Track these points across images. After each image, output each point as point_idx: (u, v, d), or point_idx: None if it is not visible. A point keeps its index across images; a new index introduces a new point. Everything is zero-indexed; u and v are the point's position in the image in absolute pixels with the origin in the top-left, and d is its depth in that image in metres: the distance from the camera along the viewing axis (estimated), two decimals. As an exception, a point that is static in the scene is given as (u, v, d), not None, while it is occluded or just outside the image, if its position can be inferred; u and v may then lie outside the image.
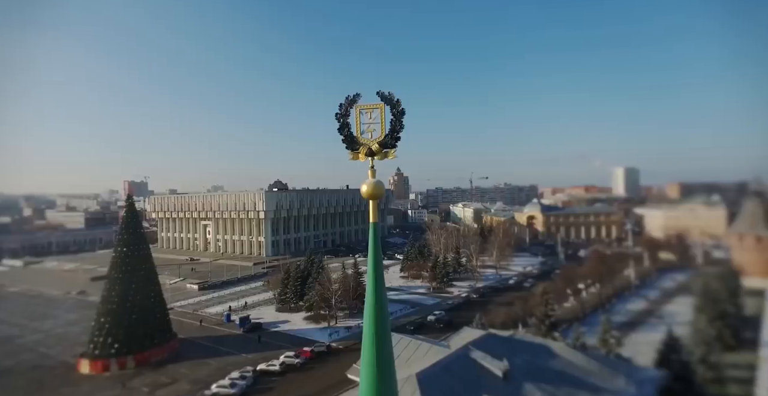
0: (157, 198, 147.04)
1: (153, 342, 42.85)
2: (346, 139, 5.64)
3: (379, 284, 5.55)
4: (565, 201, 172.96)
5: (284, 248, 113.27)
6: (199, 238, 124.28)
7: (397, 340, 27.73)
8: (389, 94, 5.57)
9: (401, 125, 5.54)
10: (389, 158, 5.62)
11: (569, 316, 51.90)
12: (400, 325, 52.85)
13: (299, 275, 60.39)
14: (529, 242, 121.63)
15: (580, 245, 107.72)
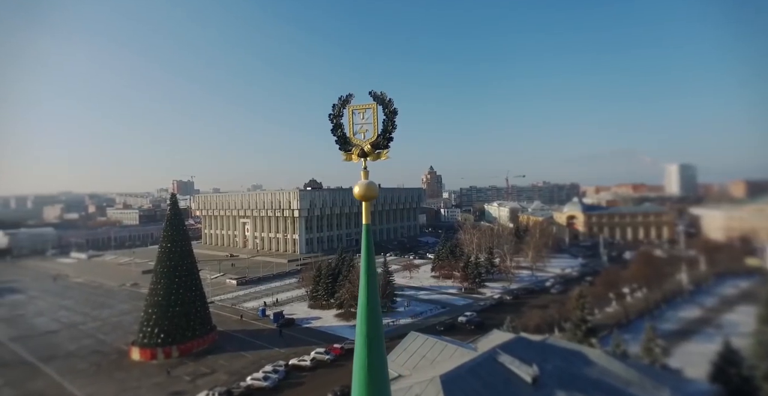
0: (201, 196, 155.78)
1: (195, 333, 45.50)
2: (339, 139, 5.62)
3: (371, 287, 5.49)
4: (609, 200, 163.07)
5: (318, 246, 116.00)
6: (238, 235, 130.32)
7: (423, 340, 27.48)
8: (381, 93, 5.47)
9: (393, 125, 5.43)
10: (382, 159, 5.53)
11: (611, 322, 48.94)
12: (430, 326, 52.42)
13: (330, 273, 61.57)
14: (568, 243, 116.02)
15: (625, 247, 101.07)
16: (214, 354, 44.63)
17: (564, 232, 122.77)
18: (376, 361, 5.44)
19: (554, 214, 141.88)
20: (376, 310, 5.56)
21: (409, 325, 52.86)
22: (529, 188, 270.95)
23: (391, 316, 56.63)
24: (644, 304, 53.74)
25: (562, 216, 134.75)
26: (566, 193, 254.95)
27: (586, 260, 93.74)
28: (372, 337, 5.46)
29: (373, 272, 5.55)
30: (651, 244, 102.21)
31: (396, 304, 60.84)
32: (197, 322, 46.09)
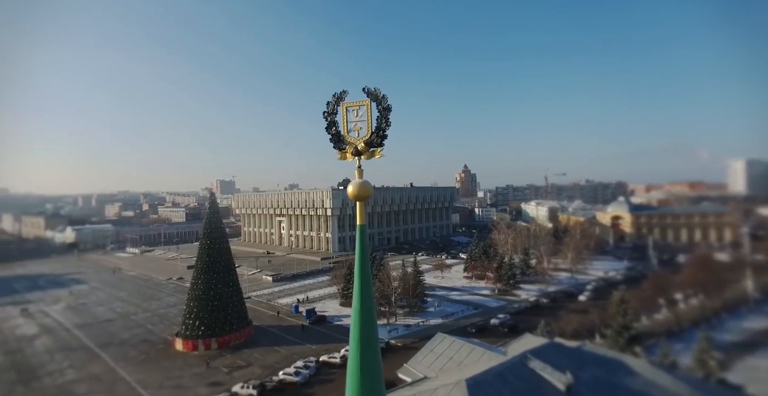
0: (240, 195, 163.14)
1: (232, 327, 47.67)
2: (333, 138, 5.51)
3: (365, 291, 5.34)
4: (661, 199, 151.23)
5: (350, 244, 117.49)
6: (274, 233, 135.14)
7: (450, 342, 26.92)
8: (375, 89, 5.30)
9: (388, 123, 5.24)
10: (376, 157, 5.36)
11: (659, 330, 45.34)
12: (461, 327, 51.41)
13: (361, 271, 62.09)
14: (612, 245, 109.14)
15: (679, 250, 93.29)
16: (249, 348, 46.53)
17: (608, 233, 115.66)
18: (371, 367, 5.28)
19: (597, 214, 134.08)
20: (371, 315, 5.40)
21: (439, 326, 52.11)
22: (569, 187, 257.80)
23: (421, 316, 56.17)
24: (700, 312, 49.25)
25: (606, 216, 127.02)
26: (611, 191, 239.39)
27: (633, 263, 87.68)
28: (366, 342, 5.30)
29: (367, 275, 5.40)
30: (710, 247, 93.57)
31: (426, 304, 60.27)
32: (234, 316, 48.24)
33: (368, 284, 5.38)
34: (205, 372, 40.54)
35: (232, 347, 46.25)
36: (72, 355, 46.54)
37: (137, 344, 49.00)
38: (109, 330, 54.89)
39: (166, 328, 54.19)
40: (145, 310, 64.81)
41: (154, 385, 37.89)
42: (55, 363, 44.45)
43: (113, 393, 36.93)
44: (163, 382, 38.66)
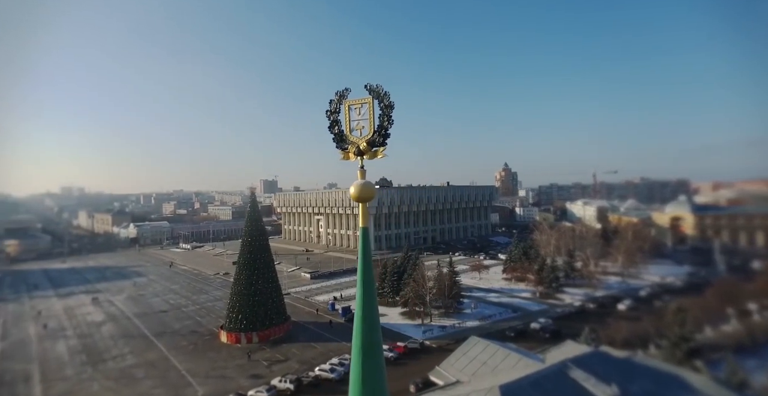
0: (281, 195, 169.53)
1: (271, 322, 49.59)
2: (336, 137, 5.37)
3: (368, 296, 5.16)
4: (732, 198, 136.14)
5: (386, 243, 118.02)
6: (313, 231, 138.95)
7: (484, 346, 26.03)
8: (377, 86, 5.08)
9: (390, 121, 5.01)
10: (379, 157, 5.15)
11: (727, 343, 40.82)
12: (499, 330, 49.67)
13: (395, 271, 62.05)
14: (671, 248, 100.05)
15: (754, 255, 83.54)
16: (288, 343, 48.15)
17: (665, 236, 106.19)
18: (373, 376, 5.09)
19: (653, 214, 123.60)
20: (374, 321, 5.20)
21: (476, 328, 50.79)
22: (621, 185, 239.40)
23: (458, 318, 55.03)
24: (777, 325, 43.69)
25: (663, 217, 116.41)
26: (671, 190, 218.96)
27: (695, 268, 79.82)
28: (368, 350, 5.11)
29: (370, 280, 5.21)
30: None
31: (463, 306, 58.95)
32: (274, 311, 50.14)
33: (371, 290, 5.20)
34: (247, 364, 42.51)
35: (271, 341, 48.10)
36: (131, 341, 50.86)
37: (187, 335, 52.51)
38: (163, 320, 59.35)
39: (212, 320, 57.57)
40: (195, 302, 69.33)
41: (201, 375, 40.35)
42: (117, 348, 48.82)
43: (166, 379, 39.80)
44: (209, 372, 41.05)
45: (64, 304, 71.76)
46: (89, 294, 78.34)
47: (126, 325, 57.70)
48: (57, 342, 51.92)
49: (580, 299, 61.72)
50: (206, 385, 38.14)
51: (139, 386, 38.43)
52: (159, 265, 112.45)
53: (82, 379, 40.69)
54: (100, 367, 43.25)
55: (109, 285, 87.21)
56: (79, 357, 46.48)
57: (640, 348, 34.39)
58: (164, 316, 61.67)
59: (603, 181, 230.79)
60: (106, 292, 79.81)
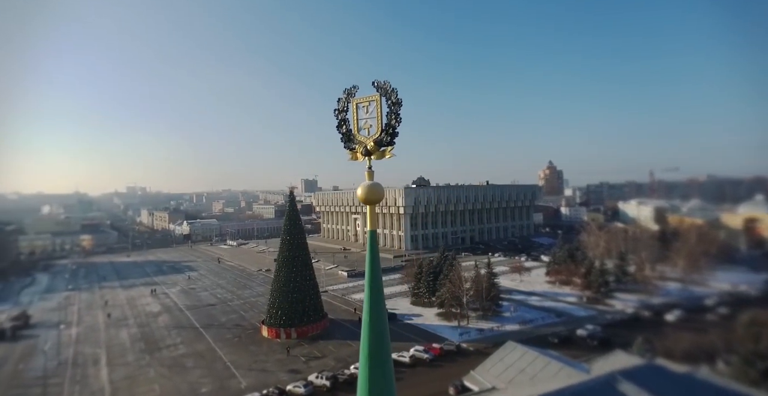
0: (320, 194, 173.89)
1: (310, 319, 50.89)
2: (344, 137, 5.19)
3: (375, 299, 4.93)
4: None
5: (422, 243, 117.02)
6: (350, 229, 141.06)
7: (522, 352, 24.78)
8: (384, 82, 4.83)
9: (398, 119, 4.74)
10: (387, 157, 4.90)
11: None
12: (541, 335, 47.32)
13: (432, 271, 61.24)
14: (746, 253, 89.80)
15: None
16: (325, 339, 49.18)
17: (738, 239, 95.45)
18: (381, 384, 4.85)
19: (722, 215, 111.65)
20: (382, 327, 4.96)
21: (516, 333, 48.81)
22: (684, 183, 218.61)
23: (496, 321, 53.23)
24: None
25: (735, 218, 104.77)
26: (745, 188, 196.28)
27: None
28: (377, 357, 4.88)
29: (378, 286, 4.98)
30: None
31: (502, 308, 56.93)
32: (311, 308, 51.42)
33: (379, 295, 4.97)
34: (286, 359, 43.97)
35: (309, 338, 49.38)
36: (183, 332, 54.57)
37: (232, 328, 55.39)
38: (210, 313, 63.11)
39: (255, 315, 60.25)
40: (239, 297, 73.02)
41: (244, 367, 42.34)
42: (171, 338, 52.61)
43: (212, 370, 42.21)
44: (251, 364, 42.97)
45: (127, 295, 78.67)
46: (148, 286, 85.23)
47: (178, 317, 62.03)
48: (120, 330, 56.99)
49: (633, 306, 57.19)
50: (248, 377, 39.94)
51: (189, 375, 41.07)
52: (208, 260, 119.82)
53: (141, 365, 44.29)
54: (156, 355, 46.82)
55: (165, 278, 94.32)
56: (138, 344, 50.68)
57: (705, 363, 31.10)
58: (212, 309, 65.55)
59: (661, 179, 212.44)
60: (162, 285, 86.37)
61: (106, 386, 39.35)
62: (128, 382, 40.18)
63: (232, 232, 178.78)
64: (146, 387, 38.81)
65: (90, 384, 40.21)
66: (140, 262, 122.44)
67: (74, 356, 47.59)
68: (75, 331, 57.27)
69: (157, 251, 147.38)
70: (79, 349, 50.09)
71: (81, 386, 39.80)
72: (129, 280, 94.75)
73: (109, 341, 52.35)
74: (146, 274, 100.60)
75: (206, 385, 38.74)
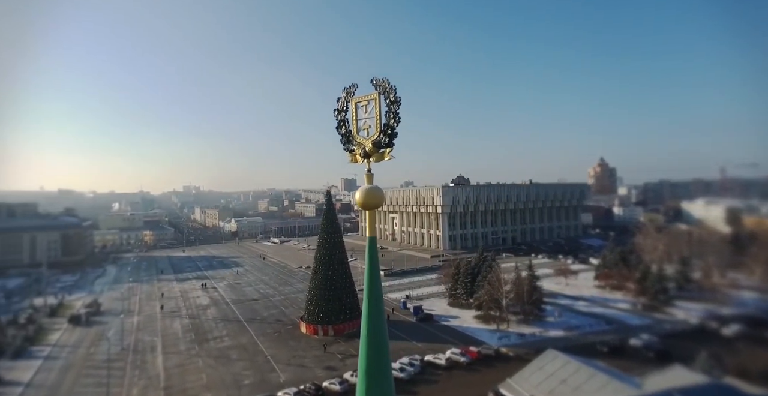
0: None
1: (346, 316, 51.55)
2: (343, 138, 4.93)
3: (375, 309, 4.63)
4: None
5: (461, 243, 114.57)
6: (387, 228, 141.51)
7: (563, 362, 23.18)
8: (383, 80, 4.50)
9: (396, 118, 4.39)
10: (386, 159, 4.57)
11: None
12: (588, 343, 44.31)
13: (469, 272, 59.63)
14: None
15: None
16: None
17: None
18: (381, 388, 4.54)
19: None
20: (382, 340, 4.64)
21: (560, 339, 46.24)
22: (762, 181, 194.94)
23: (539, 326, 50.71)
24: None
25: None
26: None
27: None
28: (376, 372, 4.57)
29: (377, 295, 4.68)
30: None
31: (545, 313, 54.12)
32: (348, 306, 52.05)
33: (378, 306, 4.66)
34: (323, 355, 44.90)
35: (345, 335, 50.03)
36: (228, 325, 57.68)
37: (273, 323, 57.64)
38: (254, 308, 66.15)
39: (294, 311, 62.23)
40: (280, 293, 75.85)
41: (283, 362, 43.82)
42: (217, 330, 55.82)
43: (254, 363, 44.14)
44: (290, 359, 44.36)
45: (181, 288, 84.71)
46: (199, 280, 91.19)
47: (225, 310, 65.70)
48: (174, 320, 61.45)
49: (699, 316, 51.77)
50: (287, 371, 41.27)
51: (233, 367, 43.27)
52: (253, 257, 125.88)
53: (191, 354, 47.39)
54: (204, 346, 49.87)
55: (214, 273, 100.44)
56: (189, 335, 54.31)
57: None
58: (255, 304, 68.69)
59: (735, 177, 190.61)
60: (211, 279, 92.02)
61: (161, 373, 42.54)
62: (180, 370, 43.14)
63: (275, 229, 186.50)
64: (195, 376, 41.41)
65: (147, 369, 43.69)
66: (193, 257, 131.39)
67: (135, 343, 52.02)
68: (136, 319, 62.63)
69: (208, 247, 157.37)
70: (139, 336, 54.67)
71: (140, 371, 43.37)
72: (183, 273, 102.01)
73: (164, 330, 56.63)
74: (198, 269, 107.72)
75: (248, 377, 40.57)
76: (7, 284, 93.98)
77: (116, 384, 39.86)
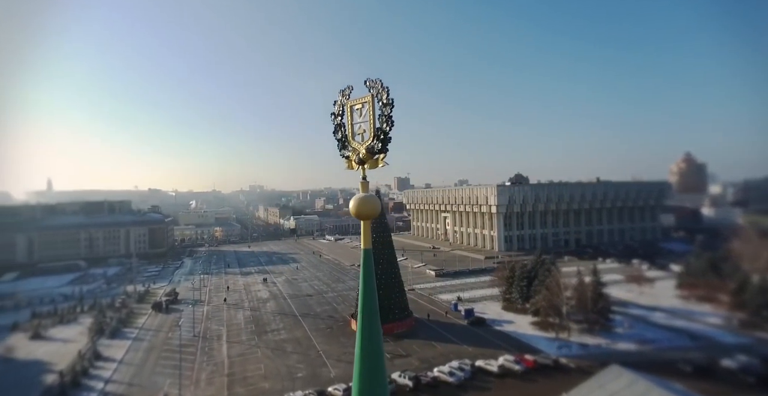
0: (410, 192, 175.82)
1: (395, 316, 51.50)
2: (340, 143, 4.55)
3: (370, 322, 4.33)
4: None
5: (517, 244, 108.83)
6: (440, 228, 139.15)
7: (630, 380, 20.51)
8: (376, 81, 4.03)
9: (389, 122, 3.91)
10: (380, 166, 4.10)
11: None
12: (668, 361, 39.39)
13: (525, 275, 56.19)
14: None
15: None
16: (409, 338, 49.17)
17: None
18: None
19: None
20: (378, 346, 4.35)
21: (631, 354, 41.78)
22: None
23: (606, 337, 46.25)
24: None
25: None
26: None
27: None
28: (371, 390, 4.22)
29: (372, 309, 4.38)
30: None
31: (613, 323, 49.15)
32: (397, 306, 51.98)
33: (374, 319, 4.35)
34: (371, 353, 45.23)
35: (394, 335, 49.91)
36: (285, 319, 60.77)
37: (325, 319, 59.56)
38: (308, 303, 68.97)
39: (346, 308, 63.69)
40: (333, 290, 78.20)
41: (334, 357, 44.99)
42: (275, 323, 59.08)
43: (307, 356, 45.89)
44: (341, 355, 45.40)
45: (244, 281, 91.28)
46: (261, 274, 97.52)
47: (282, 304, 69.37)
48: (238, 311, 66.32)
49: (814, 338, 43.48)
50: (337, 367, 42.29)
51: (288, 359, 45.42)
52: (309, 253, 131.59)
53: (251, 345, 50.70)
54: (263, 338, 53.05)
55: (273, 268, 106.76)
56: (250, 326, 58.19)
57: None
58: (309, 299, 71.59)
59: None
60: (271, 274, 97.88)
61: (225, 360, 46.06)
62: (241, 359, 46.35)
63: (330, 227, 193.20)
64: (254, 365, 44.18)
65: (214, 356, 47.59)
66: (256, 252, 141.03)
67: (204, 331, 57.05)
68: (205, 309, 68.69)
69: (269, 243, 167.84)
70: (208, 325, 59.85)
71: (207, 357, 47.39)
72: (246, 267, 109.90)
73: (229, 321, 61.36)
74: (260, 263, 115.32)
75: (301, 370, 42.28)
76: (108, 272, 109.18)
77: (187, 368, 43.88)
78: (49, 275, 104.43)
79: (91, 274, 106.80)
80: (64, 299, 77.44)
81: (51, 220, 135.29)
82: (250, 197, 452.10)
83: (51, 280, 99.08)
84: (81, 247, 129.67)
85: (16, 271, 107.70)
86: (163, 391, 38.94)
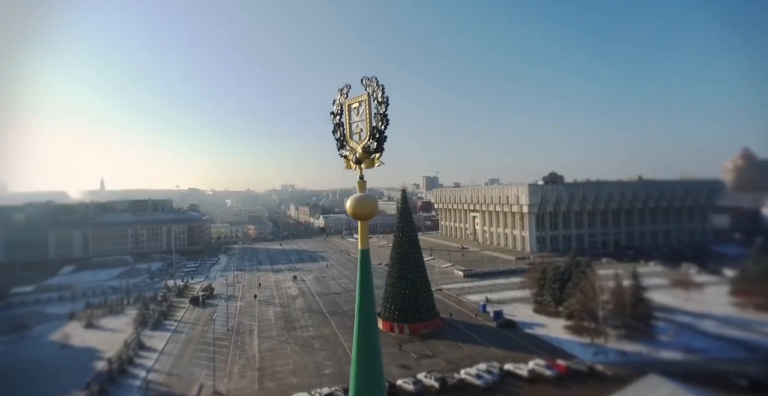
0: (438, 191, 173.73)
1: (422, 316, 51.12)
2: (338, 143, 4.47)
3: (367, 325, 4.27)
4: None
5: (550, 245, 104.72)
6: (468, 228, 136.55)
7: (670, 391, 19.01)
8: (371, 79, 3.91)
9: (385, 121, 3.79)
10: (376, 166, 3.98)
11: None
12: (719, 373, 36.42)
13: (558, 277, 53.94)
14: None
15: None
16: (436, 338, 48.65)
17: None
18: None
19: None
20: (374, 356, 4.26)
21: (675, 363, 39.15)
22: None
23: (648, 344, 43.55)
24: None
25: None
26: None
27: None
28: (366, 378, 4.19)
29: (370, 311, 4.30)
30: None
31: (657, 330, 46.14)
32: (423, 306, 51.56)
33: (371, 322, 4.29)
34: (398, 353, 45.20)
35: (421, 335, 49.62)
36: (313, 316, 61.97)
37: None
38: (336, 301, 69.96)
39: (373, 306, 63.92)
40: (361, 288, 78.73)
41: (360, 354, 45.27)
42: (304, 320, 60.39)
43: (334, 353, 46.54)
44: (366, 352, 45.63)
45: (275, 278, 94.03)
46: (291, 272, 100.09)
47: (311, 301, 70.81)
48: (269, 307, 68.41)
49: None
50: (363, 364, 42.54)
51: (316, 356, 46.27)
52: (337, 252, 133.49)
53: (281, 340, 52.11)
54: (292, 334, 54.39)
55: (303, 266, 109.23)
56: (279, 322, 59.85)
57: None
58: (337, 297, 72.59)
59: None
60: (300, 272, 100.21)
61: (256, 354, 47.66)
62: (272, 354, 47.76)
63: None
64: (284, 360, 45.40)
65: (246, 350, 49.38)
66: (287, 250, 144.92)
67: (237, 325, 59.32)
68: (238, 304, 71.44)
69: (299, 241, 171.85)
70: (240, 319, 62.19)
71: (240, 351, 49.26)
72: (277, 265, 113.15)
73: (260, 316, 63.42)
74: (290, 261, 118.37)
75: (329, 367, 42.95)
76: (152, 267, 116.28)
77: (221, 360, 45.80)
78: (100, 269, 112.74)
79: (137, 268, 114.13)
80: (113, 291, 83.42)
81: (102, 217, 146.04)
82: (281, 196, 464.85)
83: (102, 273, 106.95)
84: (128, 243, 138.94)
85: (73, 264, 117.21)
86: (199, 382, 40.87)
